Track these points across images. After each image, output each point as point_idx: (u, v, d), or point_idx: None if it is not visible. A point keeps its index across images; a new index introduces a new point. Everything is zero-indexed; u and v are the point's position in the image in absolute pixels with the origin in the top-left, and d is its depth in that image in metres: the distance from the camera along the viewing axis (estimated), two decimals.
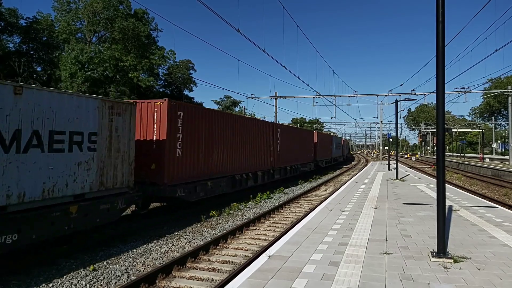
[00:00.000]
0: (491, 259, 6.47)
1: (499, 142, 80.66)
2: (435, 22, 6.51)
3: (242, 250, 9.65)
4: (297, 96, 74.82)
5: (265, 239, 10.63)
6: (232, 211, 14.74)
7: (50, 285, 7.03)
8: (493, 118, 79.08)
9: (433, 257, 6.46)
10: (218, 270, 8.03)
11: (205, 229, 11.84)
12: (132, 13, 45.71)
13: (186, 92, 58.96)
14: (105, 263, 8.28)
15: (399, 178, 23.36)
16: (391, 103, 68.34)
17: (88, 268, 7.87)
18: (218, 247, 9.77)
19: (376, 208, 11.97)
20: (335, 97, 40.76)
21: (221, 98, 74.85)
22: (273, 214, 14.45)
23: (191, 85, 59.15)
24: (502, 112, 78.55)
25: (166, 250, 9.42)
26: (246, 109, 68.81)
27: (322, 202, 14.14)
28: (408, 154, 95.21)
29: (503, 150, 74.65)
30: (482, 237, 8.09)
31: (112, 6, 43.12)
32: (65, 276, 7.46)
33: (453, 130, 70.23)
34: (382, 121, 48.93)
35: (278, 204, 16.30)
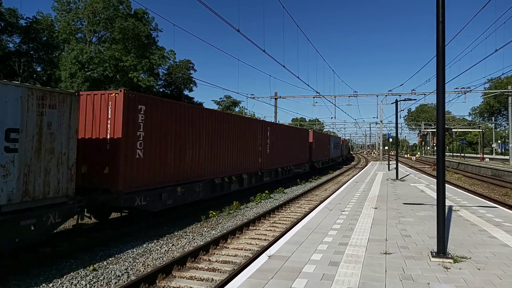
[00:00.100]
0: (491, 259, 6.48)
1: (499, 142, 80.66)
2: (435, 22, 6.52)
3: (242, 250, 9.67)
4: (297, 96, 75.21)
5: (265, 239, 10.64)
6: (232, 211, 14.76)
7: (50, 285, 7.04)
8: (493, 118, 79.12)
9: (433, 257, 6.46)
10: (218, 270, 8.04)
11: (205, 229, 11.85)
12: (132, 13, 45.71)
13: (186, 92, 59.11)
14: (105, 263, 8.28)
15: (399, 178, 23.37)
16: (391, 103, 68.59)
17: (88, 268, 7.88)
18: (218, 247, 9.78)
19: (376, 208, 11.98)
20: (335, 97, 40.84)
21: (221, 98, 74.94)
22: (273, 214, 14.46)
23: (191, 85, 59.27)
24: (502, 112, 78.59)
25: (166, 250, 9.43)
26: (246, 109, 68.79)
27: (322, 202, 14.15)
28: (408, 154, 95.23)
29: (503, 150, 74.64)
30: (482, 237, 8.09)
31: (112, 6, 43.12)
32: (65, 276, 7.46)
33: (453, 130, 70.27)
34: (382, 121, 48.97)
35: (278, 204, 16.32)
